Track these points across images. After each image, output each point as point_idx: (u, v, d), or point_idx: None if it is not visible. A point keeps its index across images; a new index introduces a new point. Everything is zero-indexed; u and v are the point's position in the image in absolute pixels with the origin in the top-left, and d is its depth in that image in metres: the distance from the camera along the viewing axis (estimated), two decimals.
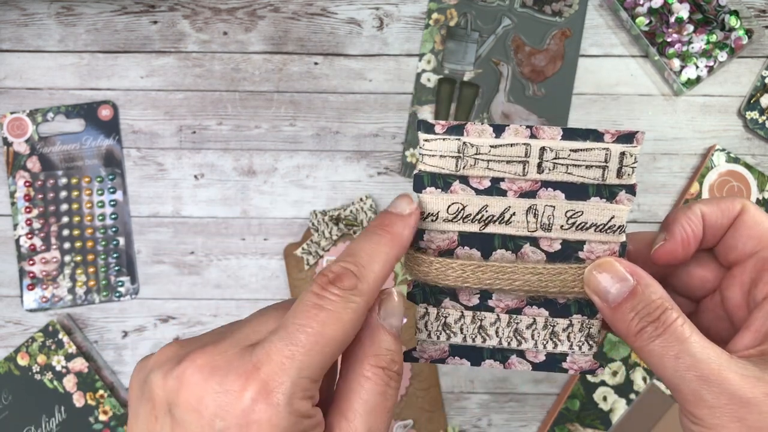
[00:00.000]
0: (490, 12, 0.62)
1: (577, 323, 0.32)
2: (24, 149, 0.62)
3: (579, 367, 0.33)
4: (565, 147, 0.30)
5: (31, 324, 0.63)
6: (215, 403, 0.24)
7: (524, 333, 0.32)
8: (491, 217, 0.31)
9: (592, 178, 0.30)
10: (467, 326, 0.33)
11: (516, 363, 0.33)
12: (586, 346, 0.32)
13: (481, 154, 0.31)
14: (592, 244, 0.31)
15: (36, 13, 0.63)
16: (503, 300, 0.32)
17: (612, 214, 0.30)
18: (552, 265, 0.30)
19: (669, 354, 0.26)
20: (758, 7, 0.63)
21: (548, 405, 0.63)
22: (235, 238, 0.63)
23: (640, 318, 0.27)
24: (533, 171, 0.30)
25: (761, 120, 0.62)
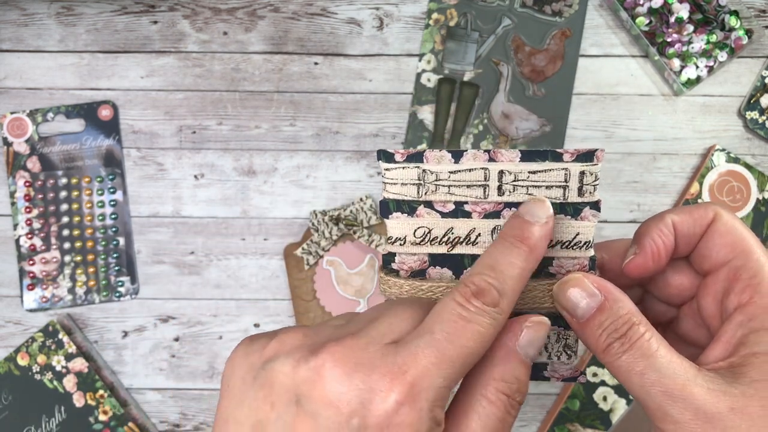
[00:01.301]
0: (490, 12, 0.62)
1: (554, 334, 0.32)
2: (24, 149, 0.62)
3: (560, 375, 0.33)
4: (523, 169, 0.30)
5: (31, 324, 0.63)
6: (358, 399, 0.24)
7: None
8: (458, 239, 0.32)
9: (554, 198, 0.30)
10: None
11: None
12: (565, 356, 0.33)
13: (441, 180, 0.31)
14: (561, 260, 0.31)
15: (36, 13, 0.63)
16: None
17: (577, 230, 0.30)
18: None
19: (635, 370, 0.26)
20: (758, 7, 0.63)
21: (548, 405, 0.63)
22: (235, 238, 0.63)
23: (608, 334, 0.27)
24: (494, 194, 0.31)
25: (761, 120, 0.62)
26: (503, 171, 0.31)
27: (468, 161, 0.31)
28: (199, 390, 0.64)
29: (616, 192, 0.63)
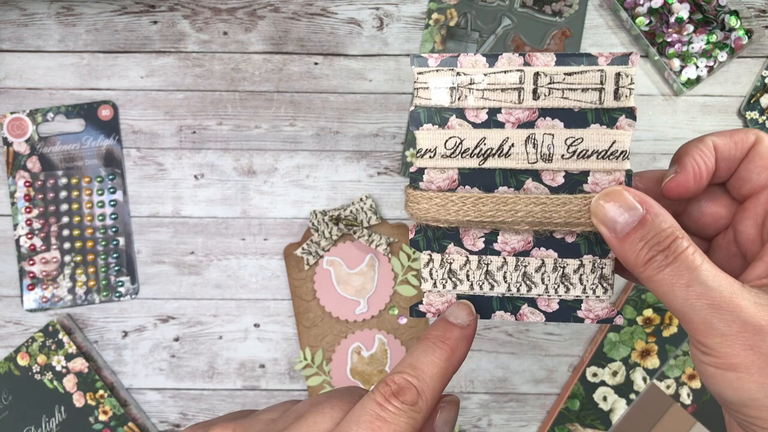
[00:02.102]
0: (490, 12, 0.62)
1: (589, 263, 0.31)
2: (24, 149, 0.62)
3: (596, 316, 0.31)
4: (559, 71, 0.30)
5: (31, 324, 0.63)
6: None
7: (533, 277, 0.31)
8: (490, 150, 0.31)
9: (590, 102, 0.30)
10: (473, 272, 0.32)
11: (528, 314, 0.32)
12: (600, 289, 0.31)
13: (475, 83, 0.30)
14: (596, 175, 0.30)
15: (36, 13, 0.63)
16: (509, 242, 0.31)
17: (613, 139, 0.30)
18: (556, 195, 0.30)
19: (679, 282, 0.26)
20: (758, 7, 0.63)
21: (548, 405, 0.63)
22: (235, 238, 0.63)
23: (650, 247, 0.26)
24: (529, 98, 0.30)
25: (761, 120, 0.62)
26: (539, 73, 0.30)
27: (503, 64, 0.30)
28: (199, 390, 0.64)
29: None
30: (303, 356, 0.63)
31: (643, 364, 0.62)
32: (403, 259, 0.62)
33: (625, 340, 0.62)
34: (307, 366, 0.62)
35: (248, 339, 0.64)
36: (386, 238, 0.61)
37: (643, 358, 0.62)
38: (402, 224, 0.62)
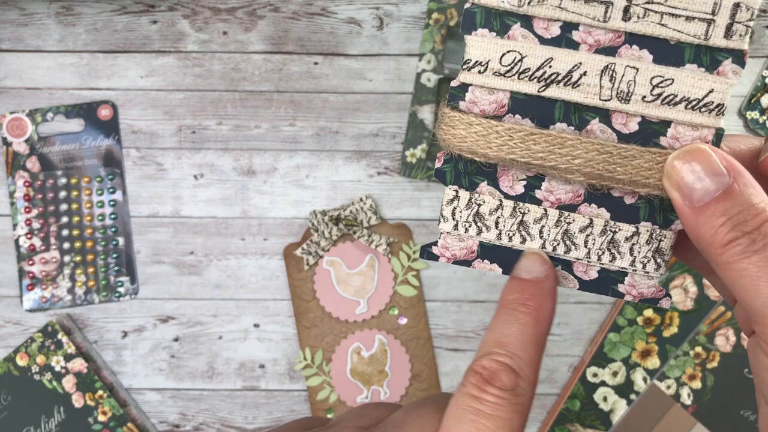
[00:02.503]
0: None
1: (645, 232, 0.25)
2: (23, 149, 0.62)
3: (639, 293, 0.26)
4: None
5: (30, 324, 0.63)
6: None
7: (576, 237, 0.26)
8: (555, 76, 0.24)
9: (693, 35, 0.24)
10: (505, 220, 0.26)
11: (560, 278, 0.26)
12: (652, 265, 0.26)
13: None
14: (679, 128, 0.24)
15: (35, 12, 0.63)
16: (555, 192, 0.26)
17: (711, 86, 0.24)
18: (625, 145, 0.24)
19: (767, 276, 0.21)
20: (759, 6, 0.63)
21: (548, 405, 0.63)
22: (234, 238, 0.63)
23: (733, 225, 0.21)
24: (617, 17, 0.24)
25: (762, 120, 0.62)
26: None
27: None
28: (199, 390, 0.64)
29: None
30: (303, 356, 0.62)
31: (643, 364, 0.62)
32: (403, 259, 0.62)
33: (626, 340, 0.62)
34: (307, 366, 0.62)
35: (248, 339, 0.64)
36: (386, 238, 0.61)
37: (643, 358, 0.62)
38: (402, 224, 0.62)
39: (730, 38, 0.24)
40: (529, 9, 0.24)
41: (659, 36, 0.24)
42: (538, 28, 0.24)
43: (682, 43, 0.24)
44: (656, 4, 0.23)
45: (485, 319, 0.63)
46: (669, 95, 0.24)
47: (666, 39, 0.24)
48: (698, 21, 0.23)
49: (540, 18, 0.24)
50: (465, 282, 0.63)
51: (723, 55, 0.24)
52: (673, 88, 0.24)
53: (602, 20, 0.24)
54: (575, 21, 0.24)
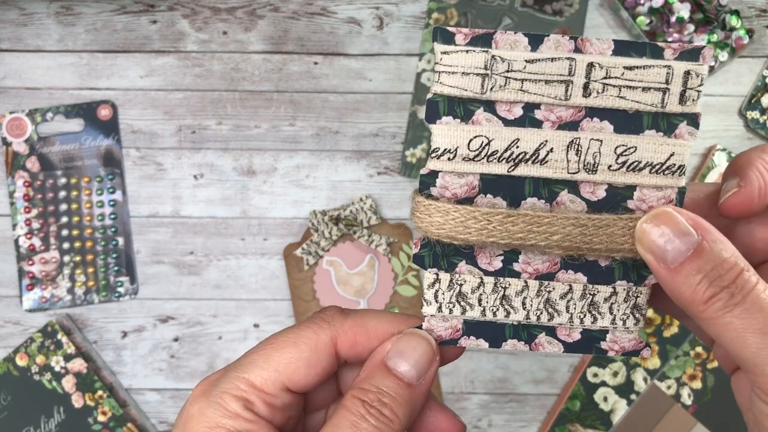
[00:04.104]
0: (491, 11, 0.62)
1: (622, 291, 0.26)
2: (23, 149, 0.62)
3: (621, 348, 0.27)
4: (618, 64, 0.24)
5: (30, 324, 0.63)
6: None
7: (557, 304, 0.26)
8: (523, 155, 0.25)
9: (650, 105, 0.25)
10: (487, 296, 0.27)
11: (545, 343, 0.27)
12: (632, 320, 0.26)
13: (513, 71, 0.25)
14: (644, 190, 0.25)
15: (35, 12, 0.63)
16: (532, 263, 0.26)
17: (671, 150, 0.25)
18: (598, 216, 0.25)
19: (753, 327, 0.21)
20: (759, 6, 0.63)
21: (549, 405, 0.63)
22: (234, 238, 0.63)
23: (710, 281, 0.22)
24: (578, 94, 0.25)
25: (762, 120, 0.62)
26: (593, 64, 0.24)
27: (549, 49, 0.25)
28: None
29: None
30: None
31: (643, 364, 0.61)
32: (403, 259, 0.62)
33: None
34: None
35: (248, 339, 0.64)
36: (386, 238, 0.61)
37: (643, 358, 0.62)
38: (402, 224, 0.62)
39: (684, 104, 0.25)
40: (492, 94, 0.25)
41: (619, 107, 0.25)
42: (501, 110, 0.25)
43: (640, 112, 0.25)
44: (614, 78, 0.24)
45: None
46: (633, 162, 0.25)
47: (625, 109, 0.25)
48: (654, 91, 0.25)
49: (502, 101, 0.25)
50: None
51: (679, 119, 0.25)
52: (636, 155, 0.25)
53: (564, 98, 0.25)
54: (537, 101, 0.25)
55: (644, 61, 0.24)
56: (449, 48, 0.25)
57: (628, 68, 0.24)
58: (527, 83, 0.25)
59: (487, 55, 0.25)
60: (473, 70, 0.25)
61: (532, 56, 0.24)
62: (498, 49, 0.25)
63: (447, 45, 0.25)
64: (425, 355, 0.25)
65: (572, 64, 0.24)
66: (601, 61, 0.24)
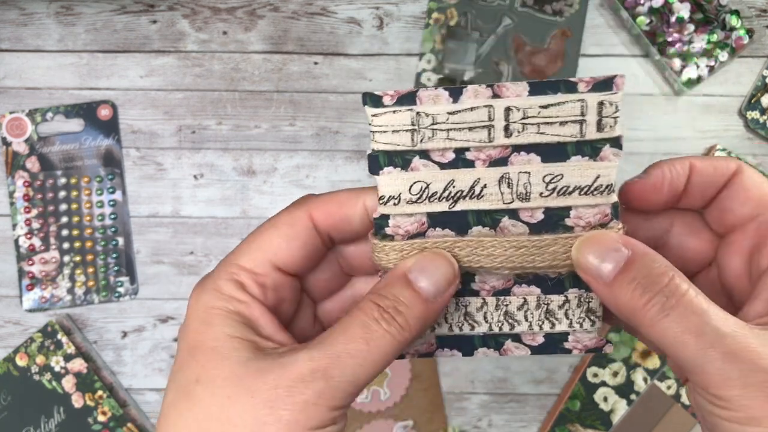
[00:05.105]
0: (491, 11, 0.62)
1: (574, 298, 0.28)
2: (23, 149, 0.62)
3: (584, 346, 0.29)
4: (533, 104, 0.26)
5: (30, 324, 0.63)
6: None
7: (516, 315, 0.29)
8: (460, 193, 0.27)
9: (569, 136, 0.26)
10: (451, 314, 0.29)
11: (512, 348, 0.30)
12: (588, 323, 0.29)
13: (438, 123, 0.27)
14: (580, 209, 0.27)
15: (35, 12, 0.63)
16: (488, 281, 0.29)
17: (597, 173, 0.27)
18: (537, 237, 0.27)
19: (689, 330, 0.23)
20: (759, 6, 0.63)
21: (549, 405, 0.63)
22: (234, 238, 0.63)
23: (644, 287, 0.24)
24: (500, 136, 0.27)
25: (762, 120, 0.62)
26: (510, 108, 0.26)
27: (469, 99, 0.27)
28: None
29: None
30: None
31: (643, 364, 0.61)
32: None
33: (626, 340, 0.61)
34: None
35: None
36: None
37: (643, 358, 0.62)
38: None
39: (602, 131, 0.26)
40: (423, 145, 0.27)
41: (542, 142, 0.27)
42: (435, 156, 0.27)
43: (563, 142, 0.27)
44: (531, 117, 0.26)
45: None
46: (562, 187, 0.27)
47: (552, 142, 0.27)
48: (571, 123, 0.26)
49: (434, 150, 0.27)
50: None
51: (602, 143, 0.26)
52: (564, 182, 0.27)
53: (488, 141, 0.27)
54: (465, 146, 0.27)
55: (558, 97, 0.26)
56: (378, 111, 0.27)
57: (543, 107, 0.26)
58: (453, 132, 0.27)
59: (413, 113, 0.27)
60: (402, 127, 0.27)
61: (453, 108, 0.27)
62: (422, 105, 0.27)
63: (376, 108, 0.27)
64: (445, 276, 0.26)
65: (491, 111, 0.27)
66: (517, 104, 0.26)
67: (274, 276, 0.27)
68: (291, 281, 0.28)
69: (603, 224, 0.27)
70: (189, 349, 0.26)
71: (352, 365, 0.24)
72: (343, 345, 0.25)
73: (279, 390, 0.24)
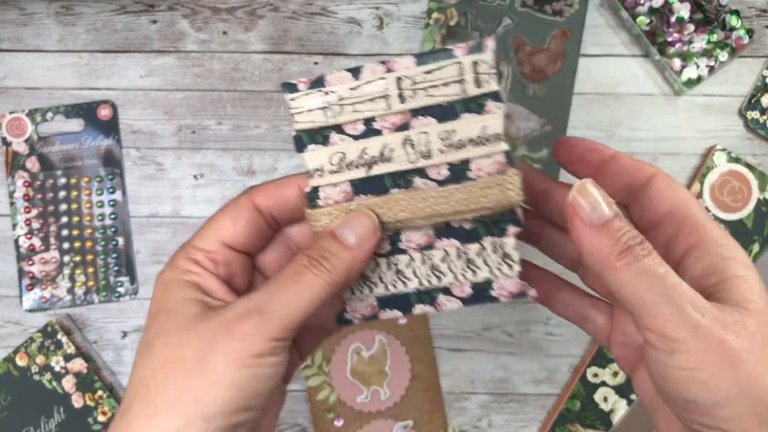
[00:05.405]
0: (491, 11, 0.62)
1: (489, 245, 0.32)
2: (23, 149, 0.62)
3: (509, 292, 0.33)
4: (418, 71, 0.31)
5: (30, 324, 0.63)
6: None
7: (441, 267, 0.33)
8: (373, 158, 0.32)
9: (455, 94, 0.31)
10: (385, 273, 0.33)
11: (445, 302, 0.33)
12: (506, 267, 0.32)
13: (344, 98, 0.32)
14: (478, 161, 0.31)
15: (35, 12, 0.63)
16: (412, 239, 0.33)
17: (484, 124, 0.31)
18: (442, 189, 0.31)
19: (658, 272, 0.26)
20: (759, 6, 0.63)
21: (549, 405, 0.63)
22: None
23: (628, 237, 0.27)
24: (396, 103, 0.32)
25: (762, 120, 0.62)
26: (400, 77, 0.31)
27: (366, 75, 0.31)
28: None
29: None
30: None
31: None
32: None
33: None
34: (307, 366, 0.62)
35: None
36: None
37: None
38: None
39: (481, 87, 0.31)
40: (335, 120, 0.32)
41: (433, 104, 0.31)
42: (349, 129, 0.32)
43: (451, 102, 0.31)
44: (419, 83, 0.31)
45: (485, 319, 0.63)
46: (457, 142, 0.31)
47: (440, 103, 0.31)
48: (453, 83, 0.31)
49: (346, 123, 0.32)
50: None
51: (484, 99, 0.31)
52: (458, 136, 0.31)
53: (387, 109, 0.32)
54: (371, 116, 0.32)
55: (439, 63, 0.31)
56: (294, 95, 0.32)
57: (428, 72, 0.31)
58: (357, 105, 0.32)
59: (322, 93, 0.32)
60: (315, 106, 0.32)
61: (354, 84, 0.32)
62: (329, 86, 0.32)
63: (292, 93, 0.32)
64: (366, 227, 0.31)
65: (385, 82, 0.31)
66: (406, 74, 0.31)
67: (225, 253, 0.32)
68: (241, 258, 0.32)
69: (501, 172, 0.31)
70: (152, 315, 0.30)
71: (283, 302, 0.29)
72: (275, 287, 0.29)
73: (219, 328, 0.29)
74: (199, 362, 0.28)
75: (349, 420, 0.62)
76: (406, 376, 0.62)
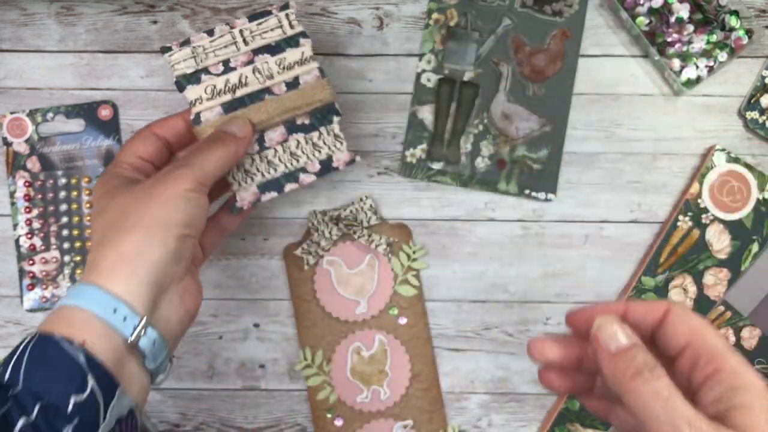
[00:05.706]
0: (491, 12, 0.62)
1: (325, 131, 0.51)
2: (24, 149, 0.62)
3: (343, 162, 0.51)
4: (252, 25, 0.50)
5: (30, 324, 0.63)
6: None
7: (296, 153, 0.51)
8: (234, 86, 0.49)
9: (279, 36, 0.50)
10: (259, 165, 0.50)
11: (305, 179, 0.51)
12: (338, 143, 0.51)
13: (207, 49, 0.50)
14: (303, 78, 0.50)
15: (36, 12, 0.63)
16: (273, 138, 0.50)
17: (301, 51, 0.50)
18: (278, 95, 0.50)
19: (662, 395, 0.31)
20: (758, 7, 0.63)
21: (548, 405, 0.63)
22: (234, 238, 0.63)
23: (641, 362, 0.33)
24: (243, 47, 0.50)
25: (761, 120, 0.62)
26: (241, 29, 0.50)
27: (219, 32, 0.50)
28: (199, 390, 0.64)
29: (616, 192, 0.63)
30: (303, 356, 0.62)
31: None
32: (403, 259, 0.62)
33: None
34: (307, 366, 0.62)
35: (248, 339, 0.64)
36: (386, 238, 0.61)
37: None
38: (402, 224, 0.62)
39: (294, 28, 0.51)
40: (202, 64, 0.50)
41: (267, 44, 0.50)
42: (213, 70, 0.50)
43: (278, 41, 0.50)
44: (254, 32, 0.50)
45: (485, 319, 0.63)
46: (287, 65, 0.50)
47: (270, 43, 0.50)
48: (276, 29, 0.50)
49: (210, 65, 0.50)
50: (465, 282, 0.63)
51: (298, 37, 0.51)
52: (287, 61, 0.50)
53: (237, 51, 0.50)
54: (227, 58, 0.50)
55: (265, 18, 0.50)
56: (171, 52, 0.50)
57: (258, 24, 0.50)
58: (216, 51, 0.50)
59: (190, 47, 0.50)
60: (186, 57, 0.50)
61: (211, 38, 0.50)
62: (194, 43, 0.50)
63: (169, 52, 0.50)
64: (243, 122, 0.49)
65: (232, 34, 0.50)
66: (244, 27, 0.50)
67: (139, 162, 0.48)
68: (149, 166, 0.48)
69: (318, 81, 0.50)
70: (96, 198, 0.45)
71: (202, 158, 0.45)
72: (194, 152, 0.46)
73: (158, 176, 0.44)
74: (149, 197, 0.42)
75: (349, 420, 0.62)
76: (406, 376, 0.62)
